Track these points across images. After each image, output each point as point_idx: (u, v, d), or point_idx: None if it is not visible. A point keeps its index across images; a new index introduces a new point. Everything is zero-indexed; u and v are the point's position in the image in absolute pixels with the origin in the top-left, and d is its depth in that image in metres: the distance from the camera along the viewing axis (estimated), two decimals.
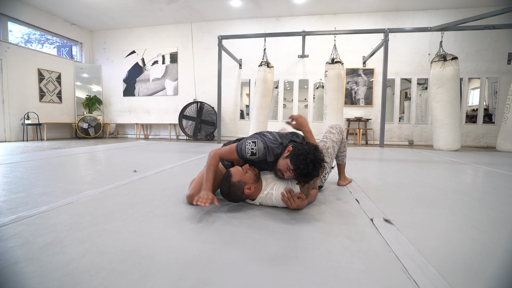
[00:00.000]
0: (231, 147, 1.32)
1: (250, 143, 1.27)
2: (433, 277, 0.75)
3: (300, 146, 1.21)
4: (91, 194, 1.50)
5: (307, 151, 1.17)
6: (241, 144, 1.30)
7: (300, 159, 1.15)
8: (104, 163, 2.73)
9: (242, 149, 1.28)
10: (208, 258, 0.82)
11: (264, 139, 1.30)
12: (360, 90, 6.49)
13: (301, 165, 1.15)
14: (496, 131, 5.98)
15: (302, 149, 1.19)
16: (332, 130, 1.72)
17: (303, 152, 1.17)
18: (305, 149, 1.18)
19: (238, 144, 1.31)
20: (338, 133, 1.71)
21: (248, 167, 1.30)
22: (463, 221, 1.23)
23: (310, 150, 1.18)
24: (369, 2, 5.84)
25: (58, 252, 0.83)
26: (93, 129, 7.10)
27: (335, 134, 1.70)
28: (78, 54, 7.70)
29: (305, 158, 1.15)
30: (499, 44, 5.90)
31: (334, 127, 1.74)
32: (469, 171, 2.66)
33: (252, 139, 1.29)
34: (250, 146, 1.27)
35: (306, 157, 1.15)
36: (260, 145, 1.27)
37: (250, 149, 1.26)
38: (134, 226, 1.05)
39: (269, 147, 1.29)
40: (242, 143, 1.30)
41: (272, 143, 1.30)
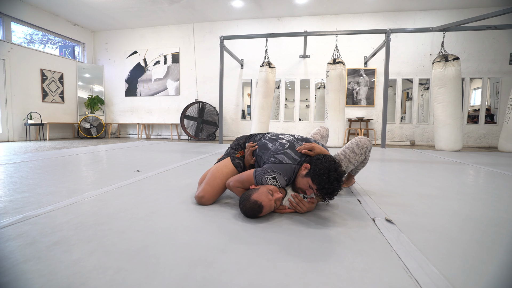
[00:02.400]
0: (249, 179, 1.28)
1: (271, 179, 1.24)
2: (435, 276, 0.76)
3: (320, 164, 1.14)
4: (95, 194, 1.52)
5: (328, 168, 1.12)
6: (260, 178, 1.25)
7: (324, 179, 1.11)
8: (107, 163, 2.75)
9: (263, 182, 1.26)
10: (213, 257, 0.84)
11: (283, 169, 1.25)
12: (362, 90, 6.49)
13: (326, 185, 1.11)
14: (498, 131, 5.97)
15: (323, 167, 1.13)
16: (357, 150, 1.53)
17: (325, 170, 1.12)
18: (326, 166, 1.13)
19: (256, 179, 1.26)
20: (362, 155, 1.55)
21: (280, 199, 1.23)
22: (464, 221, 1.23)
23: (331, 167, 1.12)
24: (371, 3, 5.84)
25: (65, 251, 0.85)
26: (95, 129, 7.14)
27: (357, 155, 1.53)
28: (81, 54, 7.74)
29: (329, 177, 1.11)
30: (501, 45, 5.89)
31: (362, 146, 1.54)
32: (470, 171, 2.66)
33: (271, 174, 1.24)
34: (271, 182, 1.24)
35: (329, 175, 1.11)
36: (282, 179, 1.25)
37: (273, 184, 1.25)
38: (140, 226, 1.07)
39: (289, 177, 1.27)
40: (262, 178, 1.25)
41: (289, 170, 1.26)
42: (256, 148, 1.43)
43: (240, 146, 1.57)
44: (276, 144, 1.36)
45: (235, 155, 1.50)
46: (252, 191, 1.20)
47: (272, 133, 1.55)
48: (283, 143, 1.36)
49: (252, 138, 1.55)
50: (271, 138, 1.45)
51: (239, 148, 1.56)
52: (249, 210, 1.16)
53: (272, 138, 1.45)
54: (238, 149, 1.55)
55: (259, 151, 1.40)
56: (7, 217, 1.14)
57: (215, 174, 1.41)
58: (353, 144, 1.56)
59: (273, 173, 1.24)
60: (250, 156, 1.44)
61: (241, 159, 1.50)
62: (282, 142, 1.37)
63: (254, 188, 1.22)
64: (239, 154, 1.52)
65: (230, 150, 1.56)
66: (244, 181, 1.30)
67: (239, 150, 1.55)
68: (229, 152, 1.55)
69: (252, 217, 1.19)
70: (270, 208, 1.18)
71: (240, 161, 1.48)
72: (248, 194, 1.19)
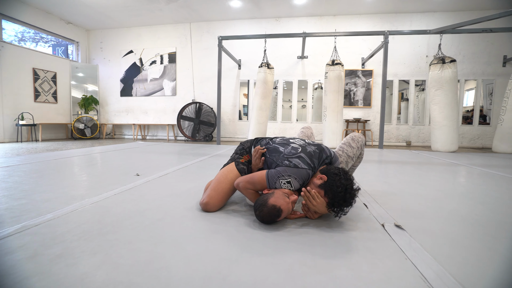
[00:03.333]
0: (261, 181, 1.25)
1: (285, 183, 1.22)
2: (454, 287, 0.75)
3: (338, 181, 1.12)
4: (96, 200, 1.47)
5: (345, 186, 1.11)
6: (274, 182, 1.22)
7: (340, 196, 1.10)
8: (105, 166, 2.69)
9: (277, 186, 1.23)
10: (227, 269, 0.81)
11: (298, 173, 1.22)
12: (359, 91, 6.52)
13: (340, 201, 1.11)
14: (491, 132, 6.07)
15: (340, 184, 1.11)
16: (353, 143, 1.62)
17: (342, 188, 1.11)
18: (344, 184, 1.12)
19: (269, 181, 1.23)
20: (358, 148, 1.62)
21: (296, 201, 1.21)
22: (474, 226, 1.23)
23: (348, 186, 1.12)
24: (368, 4, 5.87)
25: (70, 264, 0.81)
26: (89, 130, 7.01)
27: (354, 149, 1.61)
28: (74, 53, 7.59)
29: (344, 197, 1.10)
30: (495, 47, 5.99)
31: (357, 140, 1.63)
32: (469, 173, 2.68)
33: (286, 178, 1.21)
34: (285, 186, 1.22)
35: (345, 193, 1.10)
36: (296, 184, 1.22)
37: (287, 188, 1.23)
38: (146, 235, 1.03)
39: (303, 182, 1.24)
40: (275, 181, 1.22)
41: (305, 175, 1.24)
42: (265, 151, 1.39)
43: (245, 150, 1.54)
44: (288, 148, 1.33)
45: (240, 160, 1.47)
46: (267, 196, 1.17)
47: (281, 137, 1.52)
48: (295, 147, 1.33)
49: (258, 143, 1.52)
50: (281, 142, 1.42)
51: (243, 153, 1.52)
52: (267, 216, 1.13)
53: (283, 142, 1.41)
54: (242, 154, 1.52)
55: (270, 155, 1.37)
56: (4, 227, 1.08)
57: (220, 179, 1.37)
58: (349, 139, 1.64)
59: (288, 177, 1.22)
60: (259, 159, 1.40)
61: (246, 164, 1.46)
62: (294, 146, 1.34)
63: (269, 193, 1.19)
64: (243, 159, 1.48)
65: (235, 155, 1.53)
66: (255, 182, 1.27)
67: (243, 155, 1.51)
68: (234, 157, 1.52)
69: (269, 223, 1.17)
70: (288, 211, 1.16)
71: (245, 166, 1.45)
72: (264, 199, 1.16)
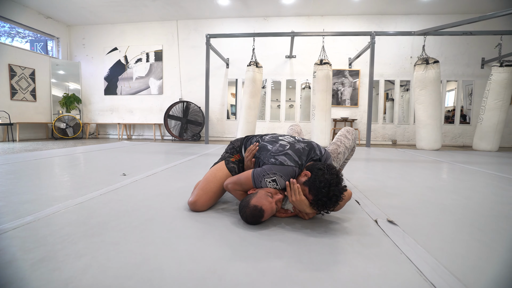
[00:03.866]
0: (248, 181, 1.21)
1: (270, 181, 1.17)
2: (449, 279, 0.76)
3: (322, 176, 1.06)
4: (80, 201, 1.40)
5: (329, 182, 1.04)
6: (259, 181, 1.18)
7: (323, 192, 1.04)
8: (89, 166, 2.57)
9: (262, 185, 1.19)
10: (221, 269, 0.78)
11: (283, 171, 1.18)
12: (346, 91, 6.63)
13: (323, 198, 1.05)
14: (471, 131, 6.34)
15: (324, 179, 1.05)
16: (348, 135, 1.65)
17: (326, 183, 1.04)
18: (327, 179, 1.05)
19: (255, 180, 1.19)
20: (353, 140, 1.66)
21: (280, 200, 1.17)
22: (461, 220, 1.26)
23: (333, 180, 1.05)
24: (355, 5, 5.97)
25: (53, 269, 0.75)
26: (71, 129, 6.73)
27: (350, 141, 1.64)
28: (55, 49, 7.26)
29: (328, 191, 1.04)
30: (474, 50, 6.25)
31: (351, 132, 1.67)
32: (453, 170, 2.78)
33: (271, 176, 1.17)
34: (271, 185, 1.18)
35: (329, 189, 1.04)
36: (282, 182, 1.18)
37: (272, 187, 1.19)
38: (135, 236, 0.98)
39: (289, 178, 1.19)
40: (261, 180, 1.18)
41: (291, 173, 1.19)
42: (258, 148, 1.37)
43: (236, 149, 1.50)
44: (276, 146, 1.30)
45: (230, 159, 1.44)
46: (250, 197, 1.14)
47: (271, 134, 1.48)
48: (283, 144, 1.30)
49: (249, 141, 1.49)
50: (270, 140, 1.38)
51: (234, 152, 1.49)
52: (250, 217, 1.10)
53: (272, 140, 1.37)
54: (233, 153, 1.49)
55: (258, 153, 1.34)
56: None
57: (208, 178, 1.34)
58: (344, 132, 1.69)
59: (273, 175, 1.18)
60: (251, 161, 1.36)
61: (236, 163, 1.43)
62: (283, 143, 1.31)
63: (252, 193, 1.17)
64: (234, 158, 1.46)
65: (225, 154, 1.50)
66: (242, 183, 1.24)
67: (234, 154, 1.48)
68: (224, 156, 1.49)
69: (254, 223, 1.13)
70: (271, 211, 1.12)
71: (235, 165, 1.42)
72: (246, 200, 1.13)
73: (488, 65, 6.21)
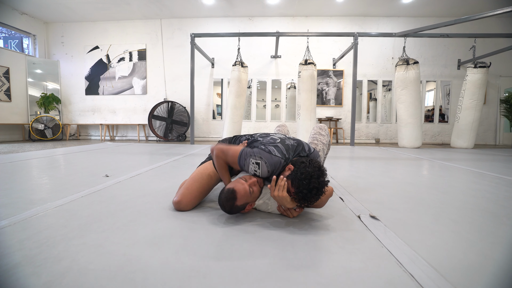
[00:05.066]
0: (234, 154, 1.22)
1: (254, 163, 1.17)
2: (426, 269, 0.79)
3: (303, 168, 1.08)
4: (60, 204, 1.34)
5: (311, 174, 1.05)
6: (244, 158, 1.19)
7: (304, 184, 1.04)
8: (69, 168, 2.48)
9: (245, 166, 1.19)
10: (206, 267, 0.77)
11: (269, 159, 1.18)
12: (331, 90, 6.75)
13: (304, 190, 1.05)
14: (449, 129, 6.63)
15: (306, 171, 1.06)
16: (322, 131, 1.68)
17: (307, 175, 1.05)
18: (309, 171, 1.06)
19: (241, 157, 1.20)
20: (327, 135, 1.70)
21: (255, 183, 1.19)
22: (438, 213, 1.32)
23: (314, 173, 1.06)
24: (339, 7, 6.10)
25: (30, 274, 0.72)
26: (50, 131, 6.46)
27: (324, 136, 1.67)
28: (31, 47, 6.94)
29: (309, 183, 1.04)
30: (451, 51, 6.55)
31: (324, 128, 1.71)
32: (432, 166, 2.90)
33: (256, 159, 1.17)
34: (253, 167, 1.18)
35: (310, 181, 1.04)
36: (264, 169, 1.17)
37: (253, 170, 1.19)
38: (118, 237, 0.96)
39: (272, 171, 1.19)
40: (246, 158, 1.19)
41: (276, 164, 1.19)
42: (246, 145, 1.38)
43: None
44: (267, 138, 1.34)
45: None
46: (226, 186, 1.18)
47: (261, 133, 1.51)
48: (274, 138, 1.33)
49: (237, 140, 1.49)
50: (262, 135, 1.43)
51: None
52: (225, 200, 1.11)
53: (263, 135, 1.42)
54: None
55: (250, 147, 1.35)
56: None
57: (195, 178, 1.33)
58: (317, 129, 1.72)
59: (259, 159, 1.17)
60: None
61: None
62: (274, 138, 1.34)
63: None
64: None
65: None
66: (229, 154, 1.23)
67: None
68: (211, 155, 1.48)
69: (230, 209, 1.13)
70: (245, 193, 1.12)
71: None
72: (222, 189, 1.18)
73: (463, 66, 6.53)
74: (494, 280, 0.76)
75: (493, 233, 1.08)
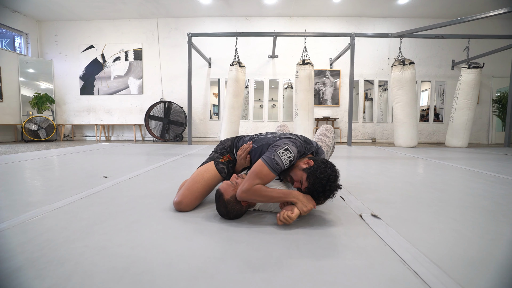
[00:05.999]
0: (260, 170, 1.12)
1: (284, 153, 1.14)
2: (429, 266, 0.80)
3: (323, 169, 1.10)
4: (59, 206, 1.33)
5: (329, 176, 1.09)
6: (272, 158, 1.13)
7: (321, 183, 1.08)
8: (66, 169, 2.45)
9: (279, 163, 1.12)
10: (213, 267, 0.77)
11: (296, 143, 1.21)
12: (328, 90, 6.79)
13: (319, 188, 1.08)
14: (444, 129, 6.72)
15: (326, 172, 1.09)
16: (327, 133, 1.70)
17: (326, 176, 1.08)
18: (328, 173, 1.09)
19: (269, 162, 1.13)
20: (332, 137, 1.71)
21: (236, 177, 1.21)
22: (437, 211, 1.34)
23: (332, 177, 1.09)
24: (336, 7, 6.13)
25: (34, 277, 0.71)
26: (44, 131, 6.36)
27: (330, 138, 1.69)
28: (23, 46, 6.82)
29: (325, 185, 1.08)
30: (445, 52, 6.64)
31: (330, 130, 1.72)
32: (428, 165, 2.93)
33: (284, 146, 1.16)
34: (287, 156, 1.14)
35: (326, 183, 1.08)
36: (295, 150, 1.17)
37: (288, 160, 1.14)
38: (121, 239, 0.95)
39: (300, 151, 1.20)
40: (272, 157, 1.13)
41: (302, 146, 1.23)
42: (251, 147, 1.37)
43: (226, 150, 1.47)
44: (277, 134, 1.37)
45: (219, 160, 1.41)
46: None
47: (265, 132, 1.54)
48: (280, 134, 1.37)
49: (241, 140, 1.48)
50: (267, 133, 1.45)
51: (224, 152, 1.46)
52: (217, 202, 1.16)
53: (268, 133, 1.45)
54: (223, 153, 1.45)
55: (257, 144, 1.36)
56: None
57: (195, 179, 1.32)
58: (323, 130, 1.74)
59: (284, 145, 1.17)
60: (244, 159, 1.37)
61: (226, 164, 1.40)
62: (279, 134, 1.38)
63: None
64: (223, 159, 1.42)
65: (214, 154, 1.46)
66: (257, 174, 1.12)
67: (224, 154, 1.45)
68: (213, 156, 1.45)
69: (226, 208, 1.14)
70: (227, 185, 1.16)
71: (225, 166, 1.39)
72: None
73: (457, 67, 6.62)
74: (495, 275, 0.78)
75: (491, 230, 1.10)
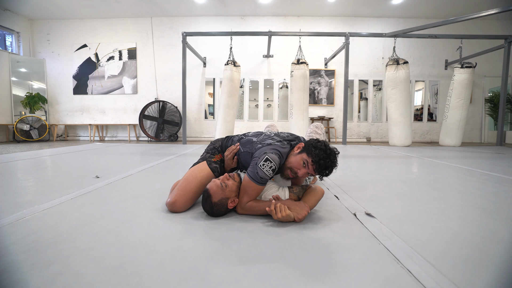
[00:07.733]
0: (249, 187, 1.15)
1: (264, 164, 1.13)
2: (423, 264, 0.80)
3: (315, 141, 1.20)
4: (48, 206, 1.30)
5: (324, 144, 1.18)
6: (256, 173, 1.13)
7: (322, 151, 1.14)
8: (57, 169, 2.40)
9: (263, 177, 1.13)
10: (204, 268, 0.76)
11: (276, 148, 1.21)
12: (323, 90, 6.80)
13: (323, 155, 1.14)
14: (438, 128, 6.79)
15: (319, 142, 1.18)
16: (318, 130, 1.73)
17: (321, 145, 1.17)
18: (322, 142, 1.18)
19: (254, 177, 1.13)
20: (323, 135, 1.73)
21: (227, 177, 1.19)
22: (431, 210, 1.34)
23: (326, 144, 1.19)
24: (330, 7, 6.15)
25: (17, 280, 0.68)
26: (36, 131, 6.25)
27: (320, 135, 1.71)
28: (14, 45, 6.70)
29: (325, 150, 1.15)
30: (438, 52, 6.71)
31: (320, 127, 1.75)
32: (422, 164, 2.95)
33: (263, 157, 1.15)
34: (268, 166, 1.13)
35: (325, 149, 1.15)
36: (275, 157, 1.16)
37: (270, 170, 1.14)
38: (111, 239, 0.93)
39: (281, 153, 1.20)
40: (256, 172, 1.13)
41: (282, 147, 1.23)
42: (238, 149, 1.37)
43: (217, 149, 1.50)
44: (261, 136, 1.37)
45: (212, 159, 1.42)
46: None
47: (254, 132, 1.52)
48: (268, 134, 1.38)
49: (230, 140, 1.49)
50: (254, 134, 1.44)
51: (215, 152, 1.48)
52: (203, 201, 1.15)
53: (256, 133, 1.44)
54: (214, 153, 1.48)
55: (243, 148, 1.35)
56: None
57: (188, 178, 1.30)
58: (313, 128, 1.77)
59: (263, 155, 1.17)
60: (231, 160, 1.37)
61: (218, 163, 1.41)
62: (267, 134, 1.39)
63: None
64: (215, 158, 1.44)
65: (206, 154, 1.48)
66: (246, 191, 1.17)
67: (215, 154, 1.47)
68: (205, 156, 1.46)
69: (211, 209, 1.14)
70: (217, 187, 1.15)
71: (217, 165, 1.40)
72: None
73: (451, 67, 6.69)
74: (488, 273, 0.77)
75: (484, 228, 1.10)
